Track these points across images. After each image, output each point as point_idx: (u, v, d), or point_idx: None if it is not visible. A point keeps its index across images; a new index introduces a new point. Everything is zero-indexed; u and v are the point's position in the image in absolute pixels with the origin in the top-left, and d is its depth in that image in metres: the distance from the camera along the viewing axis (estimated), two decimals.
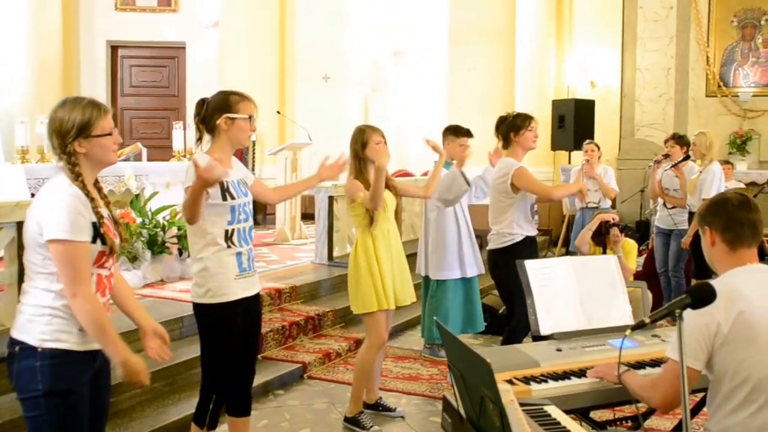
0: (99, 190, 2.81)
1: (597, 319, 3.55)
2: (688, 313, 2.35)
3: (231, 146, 3.61)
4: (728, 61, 12.49)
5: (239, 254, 3.55)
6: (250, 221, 3.66)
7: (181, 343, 5.20)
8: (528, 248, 5.16)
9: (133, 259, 6.39)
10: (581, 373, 3.06)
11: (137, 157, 8.13)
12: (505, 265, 5.12)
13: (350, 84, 13.36)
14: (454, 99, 10.92)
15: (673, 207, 7.22)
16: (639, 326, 2.39)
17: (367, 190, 4.48)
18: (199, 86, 12.54)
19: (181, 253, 6.49)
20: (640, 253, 8.31)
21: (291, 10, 12.39)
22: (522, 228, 5.13)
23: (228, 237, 3.51)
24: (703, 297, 2.34)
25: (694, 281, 6.91)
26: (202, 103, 3.59)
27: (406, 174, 11.29)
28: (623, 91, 13.12)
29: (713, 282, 2.49)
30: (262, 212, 11.59)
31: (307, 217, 10.17)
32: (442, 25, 11.69)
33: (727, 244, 2.68)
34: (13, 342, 2.64)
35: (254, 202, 3.77)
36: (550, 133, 12.08)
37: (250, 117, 3.57)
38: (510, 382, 2.90)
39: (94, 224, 2.63)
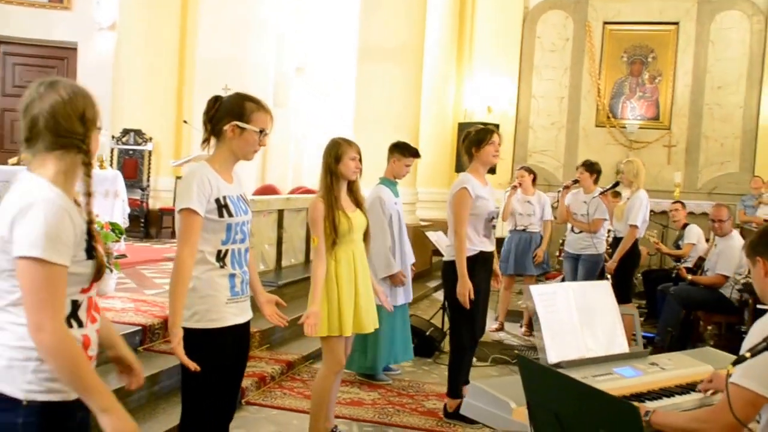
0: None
1: (598, 346, 3.46)
2: None
3: (234, 157, 3.21)
4: (617, 93, 13.08)
5: (233, 276, 3.16)
6: (247, 242, 3.26)
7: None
8: (479, 264, 5.11)
9: None
10: None
11: None
12: (452, 278, 5.05)
13: None
14: (360, 116, 10.75)
15: (581, 231, 7.28)
16: (740, 361, 2.25)
17: (328, 214, 4.30)
18: (90, 90, 11.82)
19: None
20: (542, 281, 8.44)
21: (193, 16, 11.77)
22: (472, 243, 5.08)
23: (220, 258, 3.12)
24: None
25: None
26: (214, 101, 3.20)
27: (308, 191, 11.04)
28: (518, 117, 13.45)
29: None
30: (156, 226, 10.93)
31: None
32: (349, 42, 11.55)
33: None
34: None
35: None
36: (453, 156, 12.28)
37: (262, 131, 3.20)
38: None
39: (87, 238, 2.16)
